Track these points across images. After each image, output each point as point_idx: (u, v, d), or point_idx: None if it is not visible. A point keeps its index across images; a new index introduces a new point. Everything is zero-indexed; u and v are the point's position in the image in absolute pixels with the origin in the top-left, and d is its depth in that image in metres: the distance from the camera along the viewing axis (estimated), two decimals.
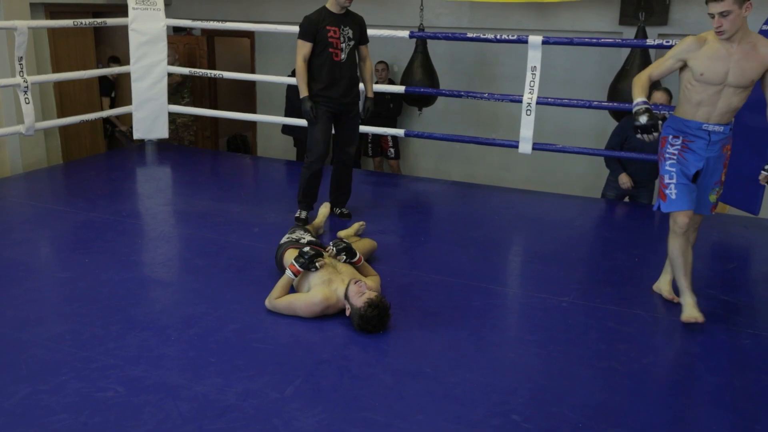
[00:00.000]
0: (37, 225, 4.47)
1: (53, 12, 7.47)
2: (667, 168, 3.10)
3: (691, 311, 3.04)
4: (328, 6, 4.14)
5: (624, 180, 5.08)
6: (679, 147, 3.07)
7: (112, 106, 7.09)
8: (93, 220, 4.46)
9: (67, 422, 2.31)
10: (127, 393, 2.49)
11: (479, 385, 2.62)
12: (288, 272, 3.16)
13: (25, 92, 5.37)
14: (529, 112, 5.10)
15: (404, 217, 5.02)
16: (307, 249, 3.16)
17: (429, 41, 6.73)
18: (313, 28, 4.13)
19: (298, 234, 3.53)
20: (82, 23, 5.98)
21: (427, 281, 3.64)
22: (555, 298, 3.48)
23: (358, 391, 2.57)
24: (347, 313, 3.01)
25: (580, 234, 4.72)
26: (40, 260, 3.92)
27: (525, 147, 5.18)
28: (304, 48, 4.19)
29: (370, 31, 5.65)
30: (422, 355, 2.85)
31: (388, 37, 5.95)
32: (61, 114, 7.21)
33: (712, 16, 2.79)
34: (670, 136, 3.11)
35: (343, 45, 4.15)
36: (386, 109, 7.32)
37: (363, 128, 6.76)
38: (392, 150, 7.72)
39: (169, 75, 6.94)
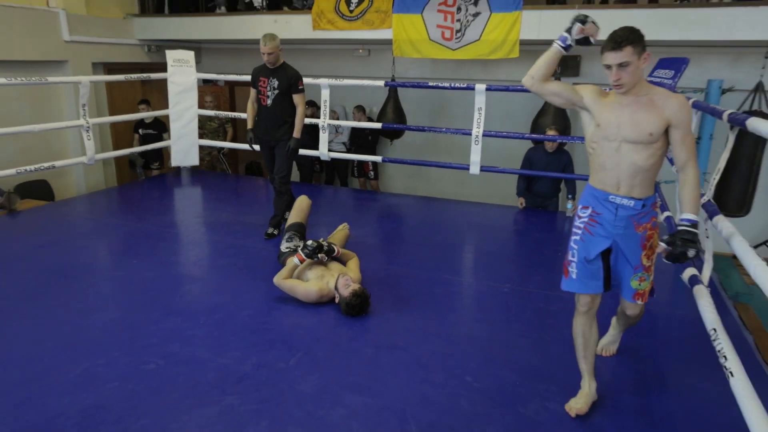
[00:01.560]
0: (96, 234, 4.43)
1: (110, 69, 7.44)
2: (571, 244, 2.27)
3: (575, 401, 2.22)
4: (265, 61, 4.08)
5: (520, 202, 5.27)
6: (586, 220, 2.22)
7: (142, 142, 6.92)
8: (139, 230, 4.43)
9: (118, 389, 2.30)
10: (165, 365, 2.49)
11: (440, 355, 2.64)
12: (295, 259, 3.17)
13: (87, 131, 5.35)
14: (477, 143, 5.15)
15: (382, 224, 5.04)
16: (310, 242, 3.17)
17: (399, 88, 6.78)
18: (253, 77, 4.16)
19: (295, 243, 3.51)
20: (131, 77, 5.94)
21: (400, 274, 3.65)
22: (498, 285, 3.51)
23: (346, 361, 2.58)
24: (336, 300, 3.04)
25: (515, 235, 4.77)
26: (99, 262, 3.90)
27: (474, 169, 5.23)
28: (251, 92, 4.23)
29: (355, 81, 5.69)
30: (395, 332, 2.87)
31: (369, 85, 5.99)
32: (116, 147, 7.20)
33: (609, 67, 2.02)
34: (580, 206, 2.28)
35: (269, 93, 4.06)
36: (367, 141, 7.33)
37: (349, 156, 6.80)
38: (372, 172, 7.73)
39: (212, 119, 6.95)
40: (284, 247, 3.51)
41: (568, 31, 2.16)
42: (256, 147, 4.34)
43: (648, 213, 2.15)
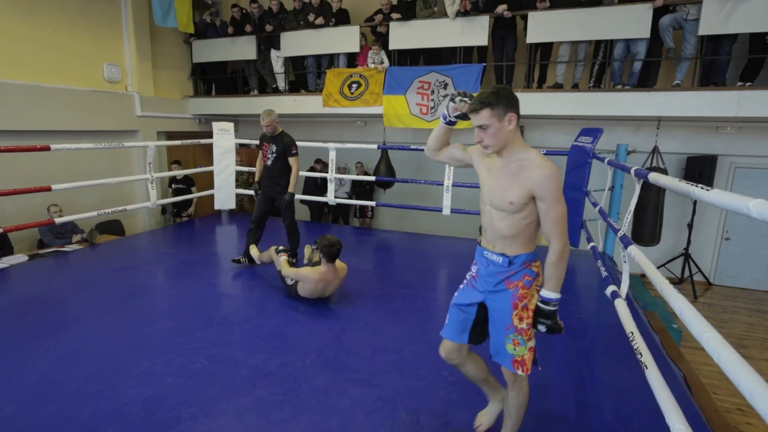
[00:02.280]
0: (156, 262, 4.38)
1: (170, 136, 7.50)
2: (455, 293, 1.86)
3: (480, 417, 1.98)
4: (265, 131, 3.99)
5: (479, 239, 5.16)
6: (473, 273, 1.81)
7: (174, 194, 6.68)
8: (189, 259, 4.38)
9: (172, 383, 2.25)
10: (208, 364, 2.43)
11: (423, 355, 2.61)
12: (283, 257, 3.54)
13: (152, 183, 5.32)
14: (447, 191, 5.20)
15: (377, 254, 5.02)
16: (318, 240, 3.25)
17: (389, 150, 6.87)
18: (260, 142, 4.10)
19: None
20: (186, 142, 5.98)
21: (391, 292, 3.62)
22: None
23: (349, 360, 2.54)
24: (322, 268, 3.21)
25: None
26: (158, 283, 3.83)
27: (446, 211, 5.27)
28: (259, 153, 4.16)
29: (355, 145, 5.76)
30: (388, 337, 2.83)
31: (366, 148, 6.06)
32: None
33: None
34: (474, 261, 1.84)
35: (270, 155, 3.99)
36: (365, 190, 7.38)
37: (350, 201, 6.83)
38: (370, 213, 7.76)
39: (242, 173, 6.97)
40: (282, 269, 3.56)
41: (447, 108, 1.80)
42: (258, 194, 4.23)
43: (519, 271, 1.65)
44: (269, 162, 4.03)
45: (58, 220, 4.58)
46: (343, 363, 2.50)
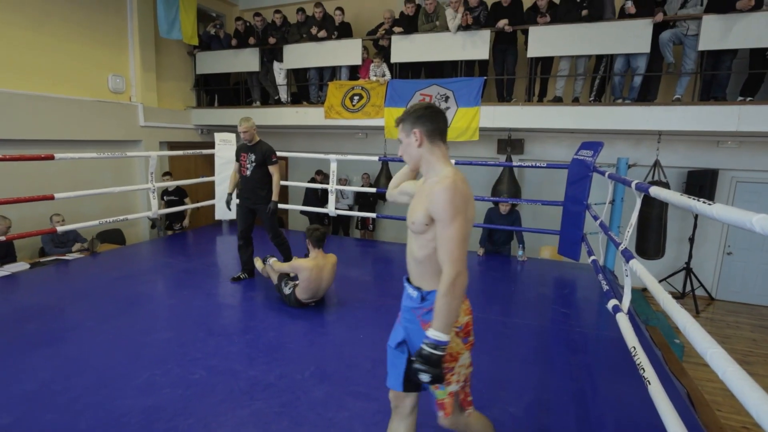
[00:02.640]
0: (156, 271, 4.37)
1: (172, 146, 7.54)
2: None
3: None
4: (243, 140, 3.96)
5: (481, 250, 5.22)
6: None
7: (166, 206, 6.43)
8: (189, 268, 4.39)
9: (170, 393, 2.24)
10: (207, 375, 2.42)
11: None
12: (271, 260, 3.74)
13: (153, 192, 5.34)
14: None
15: (377, 265, 5.02)
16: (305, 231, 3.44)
17: (390, 162, 6.90)
18: (237, 153, 4.01)
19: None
20: (188, 153, 6.01)
21: (391, 303, 3.61)
22: None
23: (348, 373, 2.52)
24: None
25: (478, 274, 4.75)
26: (157, 292, 3.83)
27: None
28: (234, 164, 4.06)
29: (357, 157, 5.79)
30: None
31: (368, 160, 6.09)
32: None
33: None
34: None
35: (248, 165, 3.87)
36: (368, 201, 7.39)
37: (351, 213, 6.84)
38: (371, 225, 7.76)
39: None
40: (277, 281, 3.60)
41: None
42: (232, 207, 4.15)
43: (432, 311, 1.43)
44: (248, 172, 3.91)
45: (60, 229, 4.59)
46: (343, 375, 2.48)
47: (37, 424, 1.99)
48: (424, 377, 1.36)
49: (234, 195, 4.18)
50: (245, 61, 7.50)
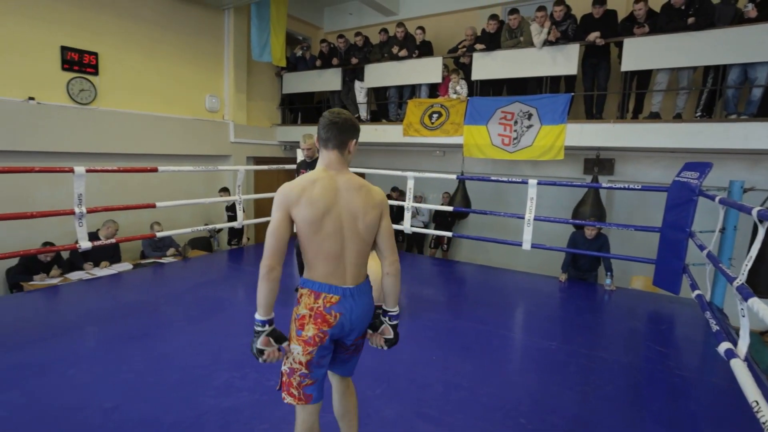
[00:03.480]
0: (239, 278, 4.66)
1: (257, 161, 8.08)
2: None
3: None
4: (306, 158, 4.06)
5: (563, 277, 4.93)
6: None
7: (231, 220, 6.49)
8: None
9: (247, 397, 2.35)
10: None
11: (497, 397, 2.49)
12: None
13: (240, 204, 5.74)
14: (528, 225, 5.00)
15: (450, 285, 4.93)
16: None
17: (467, 181, 6.82)
18: (297, 168, 4.12)
19: None
20: (272, 167, 6.39)
21: (464, 326, 3.52)
22: (546, 342, 3.28)
23: (419, 394, 2.49)
24: None
25: (560, 301, 4.49)
26: (239, 297, 4.07)
27: (526, 246, 5.04)
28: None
29: (434, 175, 5.79)
30: (460, 374, 2.74)
31: (445, 178, 6.07)
32: (257, 216, 7.66)
33: None
34: None
35: None
36: (446, 221, 7.34)
37: (426, 230, 6.81)
38: (446, 245, 7.69)
39: None
40: None
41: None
42: None
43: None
44: None
45: (158, 235, 5.08)
46: (414, 396, 2.44)
47: (133, 411, 2.19)
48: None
49: None
50: (328, 80, 7.89)
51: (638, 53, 5.37)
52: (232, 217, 6.74)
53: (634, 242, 6.25)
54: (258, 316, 1.59)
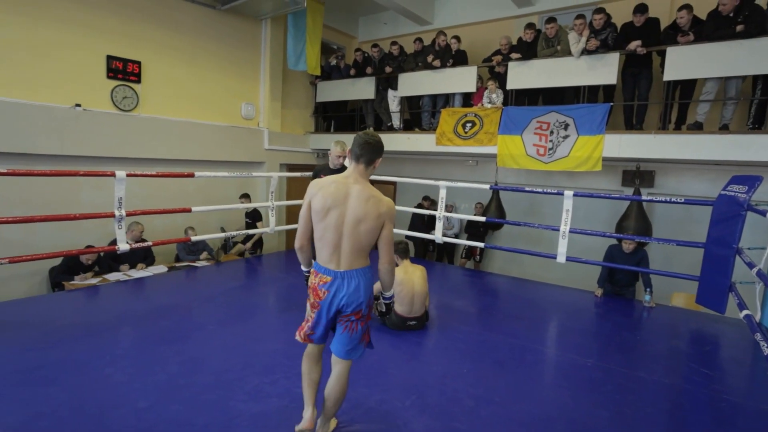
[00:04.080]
0: (270, 284, 4.73)
1: (291, 168, 8.23)
2: None
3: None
4: (329, 163, 4.00)
5: (599, 292, 4.81)
6: None
7: (249, 227, 6.63)
8: (299, 284, 4.63)
9: (276, 403, 2.37)
10: None
11: (532, 415, 2.43)
12: None
13: (272, 210, 5.82)
14: (564, 237, 4.88)
15: (482, 297, 4.85)
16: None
17: (501, 191, 6.73)
18: (315, 174, 4.07)
19: None
20: (304, 174, 6.47)
21: (495, 340, 3.45)
22: (581, 359, 3.18)
23: (450, 408, 2.45)
24: None
25: (597, 317, 4.34)
26: (270, 304, 4.13)
27: (561, 258, 4.91)
28: None
29: (467, 184, 5.74)
30: (493, 388, 2.68)
31: (478, 188, 6.01)
32: (288, 222, 7.78)
33: None
34: None
35: None
36: (479, 231, 7.26)
37: (457, 240, 6.73)
38: (478, 256, 7.59)
39: None
40: None
41: None
42: None
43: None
44: None
45: (193, 239, 5.23)
46: (444, 409, 2.41)
47: (166, 412, 2.24)
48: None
49: None
50: (362, 89, 7.98)
51: (682, 62, 5.19)
52: (251, 224, 6.78)
53: (675, 258, 6.00)
54: (302, 268, 2.28)
